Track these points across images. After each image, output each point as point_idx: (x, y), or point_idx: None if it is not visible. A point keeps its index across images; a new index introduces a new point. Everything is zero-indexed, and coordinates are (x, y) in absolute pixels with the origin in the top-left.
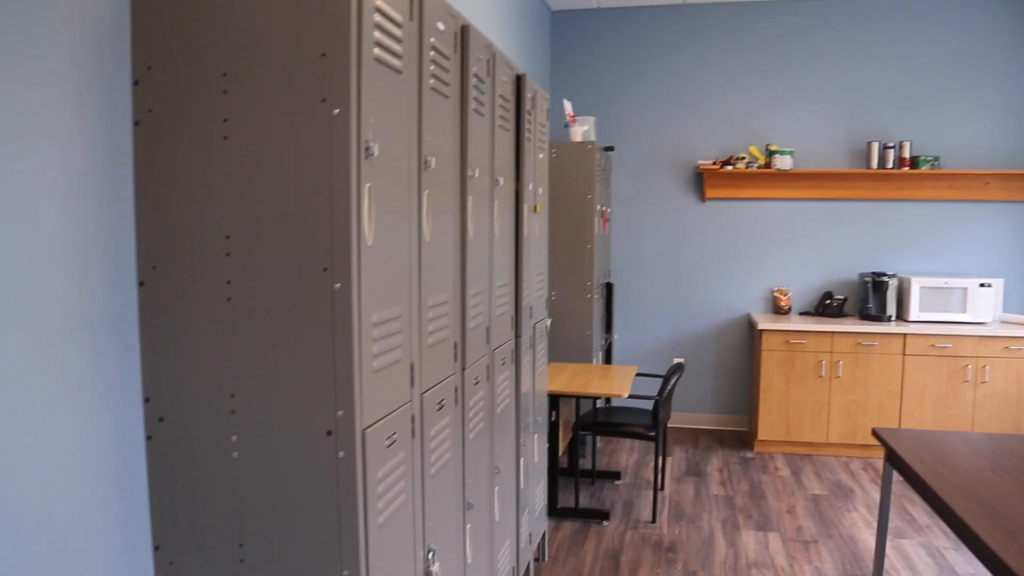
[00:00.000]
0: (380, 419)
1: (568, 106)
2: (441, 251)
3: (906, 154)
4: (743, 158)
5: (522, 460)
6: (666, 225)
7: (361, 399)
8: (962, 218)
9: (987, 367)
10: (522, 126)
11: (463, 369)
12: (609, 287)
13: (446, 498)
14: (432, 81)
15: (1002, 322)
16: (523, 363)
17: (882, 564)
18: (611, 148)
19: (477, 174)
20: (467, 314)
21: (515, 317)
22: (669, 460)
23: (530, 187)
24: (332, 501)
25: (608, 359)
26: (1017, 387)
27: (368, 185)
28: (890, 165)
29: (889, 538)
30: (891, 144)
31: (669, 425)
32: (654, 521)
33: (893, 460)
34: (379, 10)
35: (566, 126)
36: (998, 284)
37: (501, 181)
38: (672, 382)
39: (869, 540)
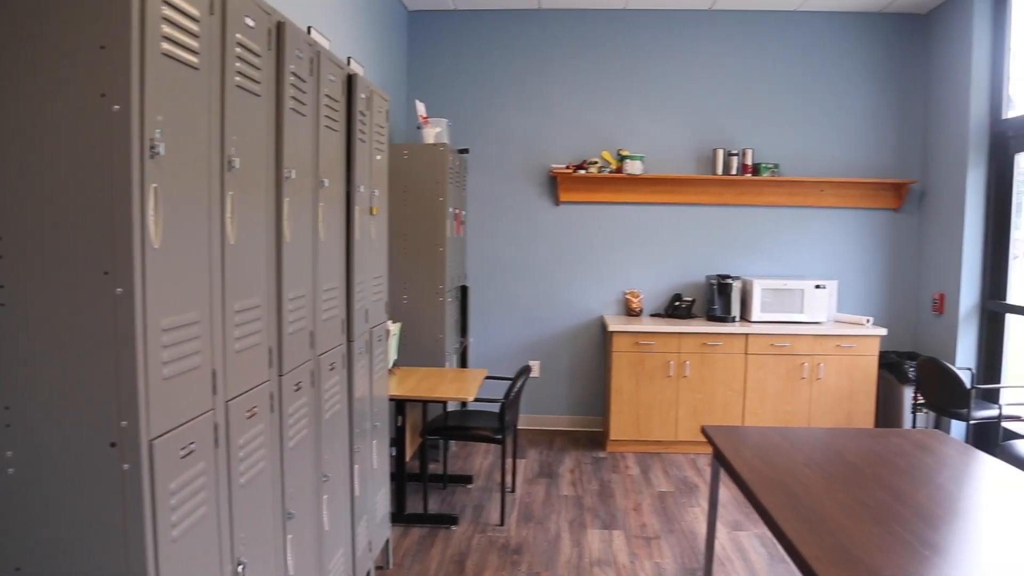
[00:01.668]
0: (172, 429)
1: (421, 107)
2: (251, 254)
3: (749, 161)
4: (596, 163)
5: (357, 467)
6: (521, 228)
7: (148, 409)
8: (800, 223)
9: (821, 364)
10: (353, 127)
11: (280, 375)
12: (464, 290)
13: (261, 508)
14: (239, 79)
15: (836, 321)
16: (357, 368)
17: (712, 556)
18: (466, 151)
19: (295, 175)
20: (284, 319)
21: (347, 321)
22: (522, 462)
23: (362, 189)
24: (118, 516)
25: (464, 362)
26: (848, 383)
27: (154, 185)
28: (734, 171)
29: (726, 530)
30: (735, 151)
31: (525, 427)
32: (502, 524)
33: (719, 456)
34: (168, 3)
35: (419, 128)
36: (832, 286)
37: (327, 183)
38: (519, 385)
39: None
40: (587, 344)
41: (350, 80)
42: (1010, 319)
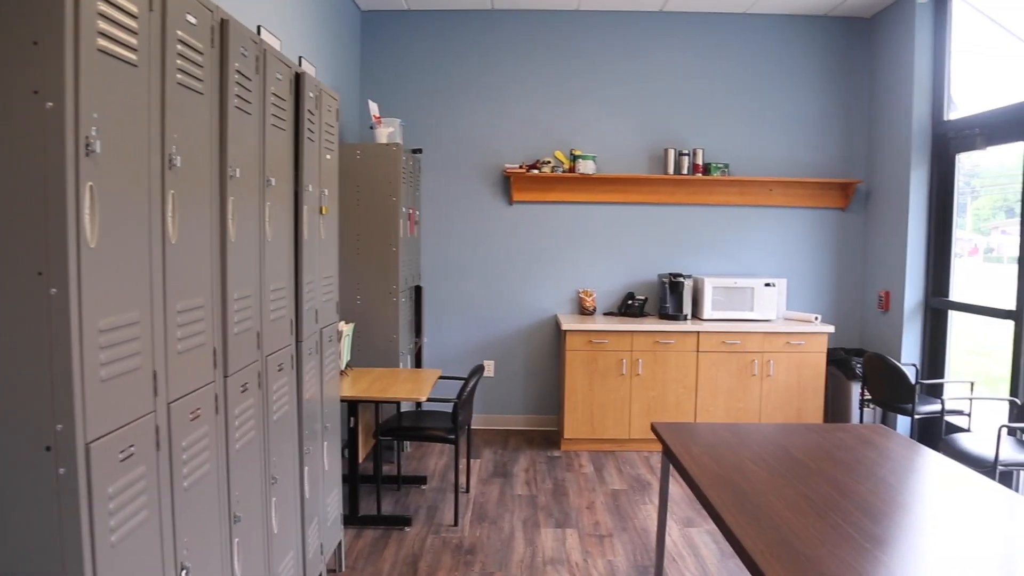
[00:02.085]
0: (111, 431)
1: (374, 107)
2: (194, 253)
3: (699, 161)
4: (548, 162)
5: (307, 469)
6: (475, 228)
7: (84, 411)
8: (750, 222)
9: (771, 361)
10: (301, 126)
11: (225, 376)
12: (418, 290)
13: (206, 512)
14: (180, 76)
15: (785, 319)
16: (307, 368)
17: (663, 553)
18: (419, 150)
19: (239, 174)
20: (229, 319)
21: (295, 322)
22: (477, 462)
23: (310, 188)
24: (54, 521)
25: (418, 363)
26: (798, 379)
27: (90, 184)
28: (685, 171)
29: (678, 527)
30: (686, 151)
31: (480, 427)
32: (456, 524)
33: (668, 453)
34: None
35: (371, 127)
36: (781, 284)
37: (274, 182)
38: (471, 384)
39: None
40: (541, 343)
41: (298, 79)
42: (953, 316)
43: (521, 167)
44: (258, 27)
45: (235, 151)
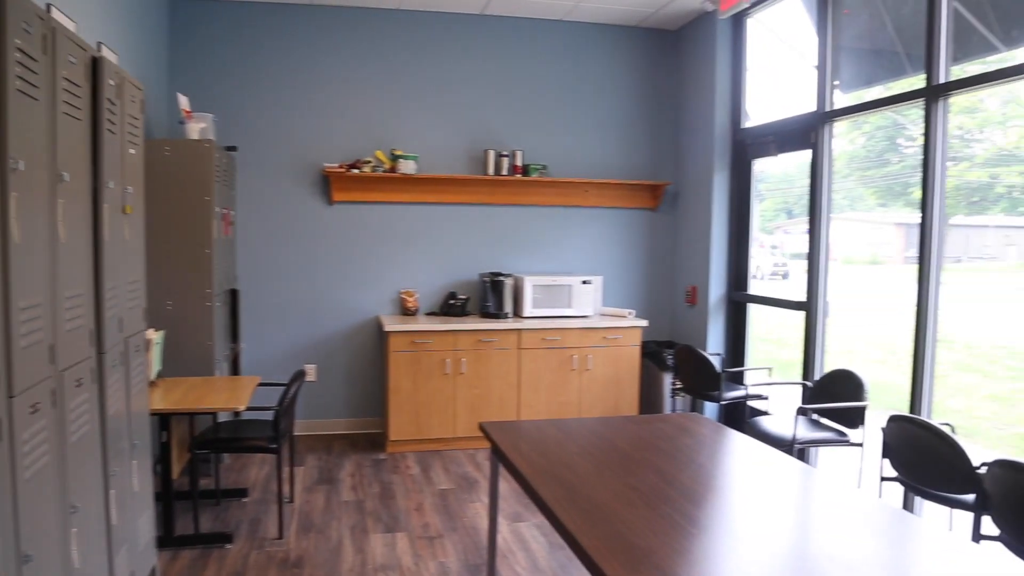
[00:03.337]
0: None
1: (184, 101)
2: None
3: (519, 162)
4: (369, 162)
5: (113, 492)
6: (294, 228)
7: None
8: (567, 221)
9: (590, 356)
10: (100, 117)
11: (10, 397)
12: (234, 293)
13: None
14: None
15: (601, 314)
16: (111, 382)
17: (494, 551)
18: (234, 148)
19: (23, 167)
20: (13, 332)
21: (96, 331)
22: (300, 470)
23: (112, 185)
24: None
25: (235, 370)
26: (615, 372)
27: None
28: (505, 172)
29: (507, 523)
30: (506, 152)
31: (303, 433)
32: (281, 537)
33: (497, 452)
34: None
35: (182, 122)
36: (597, 281)
37: (68, 177)
38: (293, 390)
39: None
40: (363, 345)
41: (96, 64)
42: (751, 308)
43: (341, 167)
44: (47, 5)
45: (19, 140)
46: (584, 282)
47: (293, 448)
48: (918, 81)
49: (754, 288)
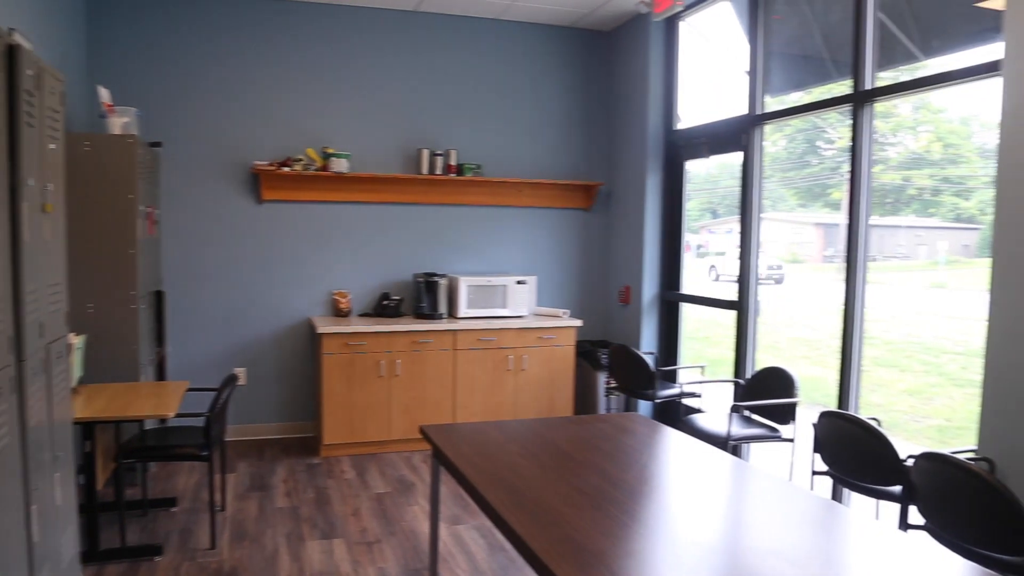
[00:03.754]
0: None
1: (104, 94)
2: None
3: (453, 161)
4: (300, 160)
5: (35, 507)
6: (222, 228)
7: None
8: (502, 221)
9: (525, 356)
10: (18, 109)
11: None
12: (159, 295)
13: None
14: None
15: (536, 314)
16: (32, 391)
17: (436, 554)
18: (158, 144)
19: None
20: None
21: (15, 338)
22: (232, 477)
23: (31, 182)
24: None
25: (161, 375)
26: (550, 372)
27: None
28: (439, 171)
29: (446, 526)
30: (440, 152)
31: (233, 439)
32: (213, 547)
33: (438, 455)
34: None
35: (103, 116)
36: (532, 281)
37: None
38: (224, 395)
39: (429, 531)
40: (295, 347)
41: (12, 52)
42: (684, 307)
43: (271, 164)
44: None
45: None
46: (519, 282)
47: (224, 455)
48: (844, 87)
49: (688, 288)
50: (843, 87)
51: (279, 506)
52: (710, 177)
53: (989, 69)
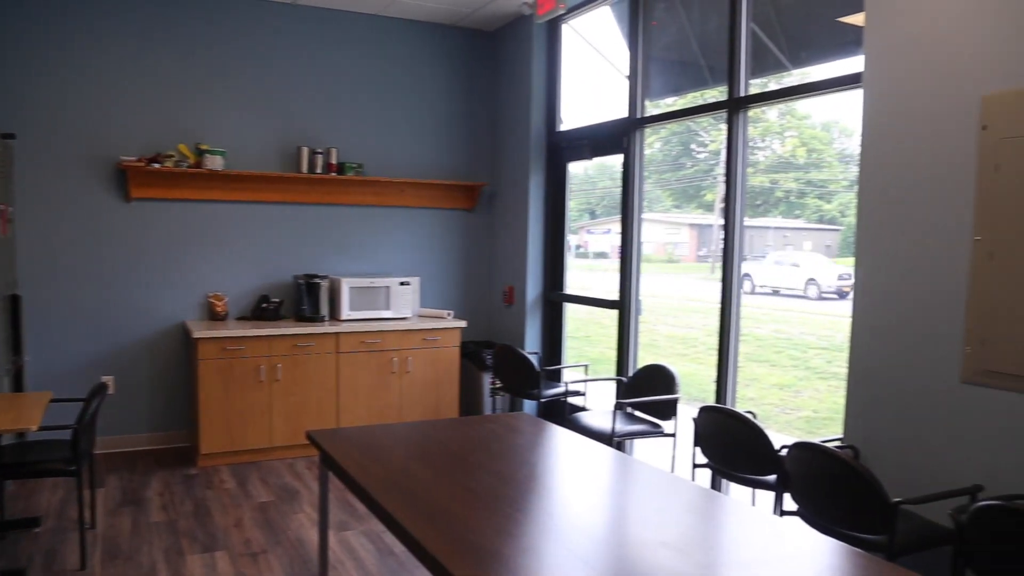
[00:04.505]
0: None
1: None
2: None
3: (334, 160)
4: (172, 156)
5: None
6: (86, 227)
7: None
8: (384, 222)
9: (409, 358)
10: None
11: None
12: (15, 300)
13: None
14: None
15: (419, 316)
16: None
17: (326, 562)
18: (11, 135)
19: None
20: None
21: None
22: (101, 492)
23: None
24: None
25: (19, 385)
26: (435, 374)
27: None
28: (319, 170)
29: (334, 532)
30: (320, 150)
31: (102, 451)
32: (84, 567)
33: (327, 461)
34: None
35: None
36: (415, 282)
37: None
38: (93, 406)
39: (316, 539)
40: (169, 353)
41: None
42: (567, 307)
43: (140, 160)
44: None
45: None
46: (402, 283)
47: (93, 469)
48: (718, 93)
49: (571, 288)
50: (718, 93)
51: (155, 520)
52: (588, 178)
53: (852, 80)
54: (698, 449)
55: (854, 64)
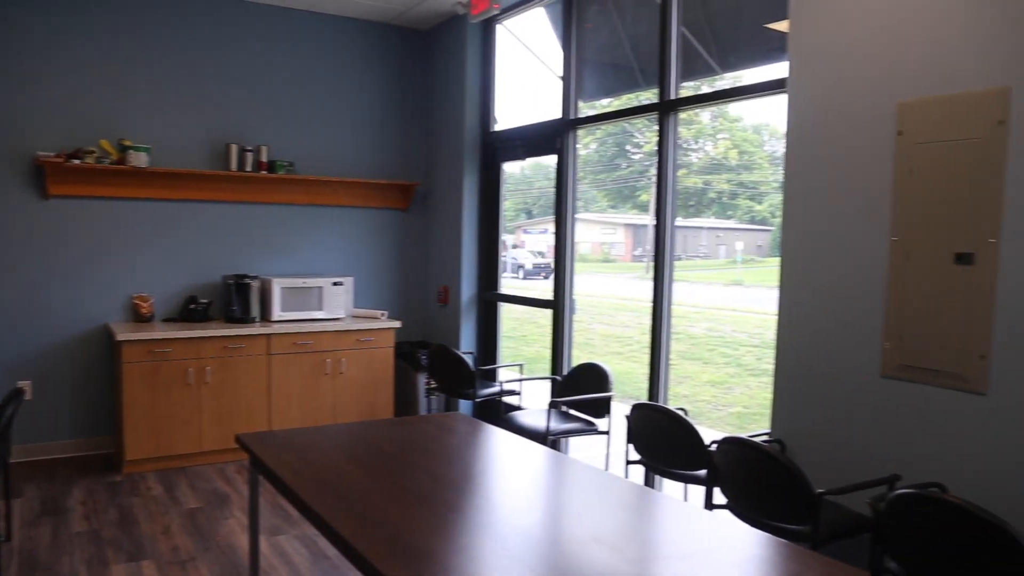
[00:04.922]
0: None
1: None
2: None
3: (264, 158)
4: (93, 152)
5: None
6: (1, 226)
7: None
8: (316, 221)
9: (343, 359)
10: None
11: None
12: None
13: None
14: None
15: (353, 316)
16: None
17: (257, 567)
18: None
19: None
20: None
21: None
22: (18, 502)
23: None
24: None
25: None
26: (369, 375)
27: None
28: (249, 168)
29: (266, 537)
30: (250, 148)
31: (18, 460)
32: None
33: (257, 465)
34: None
35: None
36: (349, 282)
37: None
38: (8, 412)
39: (247, 545)
40: (91, 357)
41: None
42: (502, 307)
43: (59, 156)
44: None
45: None
46: (335, 283)
47: (8, 478)
48: (651, 95)
49: (505, 288)
50: (650, 95)
51: (77, 530)
52: (525, 178)
53: (779, 85)
54: (631, 446)
55: (781, 69)
